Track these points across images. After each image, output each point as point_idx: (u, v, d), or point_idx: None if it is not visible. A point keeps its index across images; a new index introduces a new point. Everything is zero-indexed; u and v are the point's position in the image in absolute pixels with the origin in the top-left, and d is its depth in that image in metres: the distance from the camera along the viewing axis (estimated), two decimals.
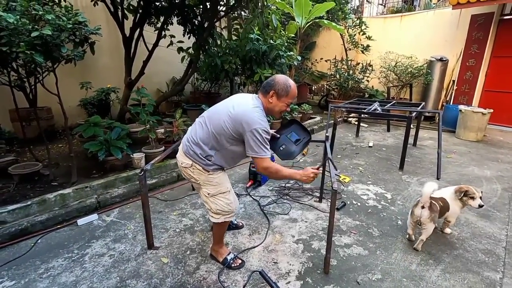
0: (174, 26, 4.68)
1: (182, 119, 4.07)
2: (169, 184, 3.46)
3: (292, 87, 1.80)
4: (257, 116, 1.70)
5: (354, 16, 7.86)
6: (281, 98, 1.80)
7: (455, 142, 5.30)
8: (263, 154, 1.73)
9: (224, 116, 1.74)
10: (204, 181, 1.85)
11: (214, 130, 1.76)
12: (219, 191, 1.87)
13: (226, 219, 1.95)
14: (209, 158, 1.80)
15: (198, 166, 1.81)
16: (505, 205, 3.00)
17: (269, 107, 1.83)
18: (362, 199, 3.12)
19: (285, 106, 1.85)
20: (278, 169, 1.78)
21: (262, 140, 1.70)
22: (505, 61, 6.01)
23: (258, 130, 1.67)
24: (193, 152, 1.80)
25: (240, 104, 1.77)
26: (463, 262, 2.14)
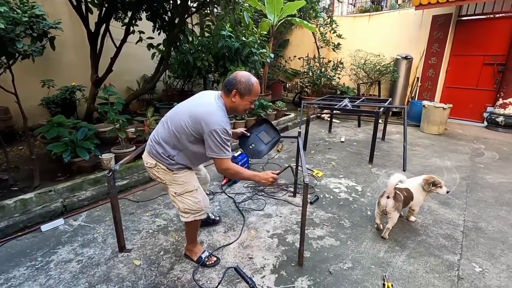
0: (143, 21, 4.53)
1: (154, 118, 3.96)
2: (141, 184, 3.36)
3: (254, 84, 1.78)
4: (217, 117, 1.68)
5: (325, 15, 8.05)
6: (244, 96, 1.78)
7: (419, 136, 5.62)
8: (222, 155, 1.72)
9: (184, 116, 1.73)
10: (170, 181, 1.85)
11: (175, 129, 1.75)
12: (186, 190, 1.85)
13: (196, 218, 1.92)
14: (172, 158, 1.79)
15: (162, 166, 1.81)
16: (463, 192, 3.23)
17: (233, 106, 1.81)
18: (334, 192, 3.22)
19: (249, 104, 1.84)
20: (238, 171, 1.80)
21: (221, 141, 1.68)
22: (463, 59, 6.45)
23: (218, 131, 1.65)
24: (156, 151, 1.80)
25: (201, 104, 1.77)
26: (426, 247, 2.29)
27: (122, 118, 3.40)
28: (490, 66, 6.07)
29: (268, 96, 6.84)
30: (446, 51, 6.55)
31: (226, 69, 4.67)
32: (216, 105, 1.74)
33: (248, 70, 4.86)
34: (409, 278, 1.96)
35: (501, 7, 5.76)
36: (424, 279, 1.95)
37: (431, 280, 1.94)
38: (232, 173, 1.78)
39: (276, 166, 3.92)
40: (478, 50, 6.17)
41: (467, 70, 6.42)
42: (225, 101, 1.80)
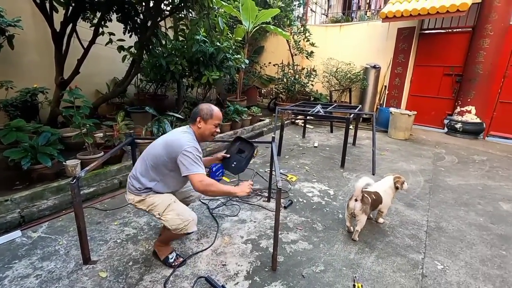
0: (113, 23, 4.38)
1: (124, 122, 3.82)
2: (109, 192, 3.21)
3: (215, 110, 2.00)
4: (187, 139, 1.86)
5: (298, 23, 8.27)
6: (207, 121, 1.97)
7: (387, 141, 5.91)
8: (195, 171, 1.79)
9: (159, 148, 1.90)
10: (148, 207, 1.93)
11: (151, 161, 1.90)
12: (165, 206, 1.91)
13: (186, 231, 1.94)
14: (150, 190, 1.91)
15: (137, 198, 1.93)
16: (426, 194, 3.43)
17: (200, 132, 1.98)
18: (307, 196, 3.28)
19: (214, 127, 2.01)
20: (214, 184, 1.83)
21: (193, 157, 1.80)
22: (425, 69, 6.90)
23: (188, 149, 1.79)
24: (133, 186, 1.93)
25: (172, 135, 1.96)
26: (393, 247, 2.39)
27: (89, 122, 3.24)
28: (449, 76, 6.54)
29: (244, 101, 6.86)
30: (410, 62, 6.98)
31: (201, 74, 4.62)
32: (185, 133, 1.94)
33: (223, 75, 4.86)
34: (378, 278, 2.03)
35: (457, 23, 6.26)
36: (392, 278, 2.03)
37: (398, 279, 2.03)
38: (208, 183, 1.80)
39: (250, 171, 3.92)
40: (439, 61, 6.63)
41: (429, 80, 6.88)
42: (193, 129, 1.99)
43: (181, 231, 1.91)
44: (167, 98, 6.33)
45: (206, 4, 4.06)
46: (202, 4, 4.05)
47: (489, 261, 2.26)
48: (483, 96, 5.97)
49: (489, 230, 2.70)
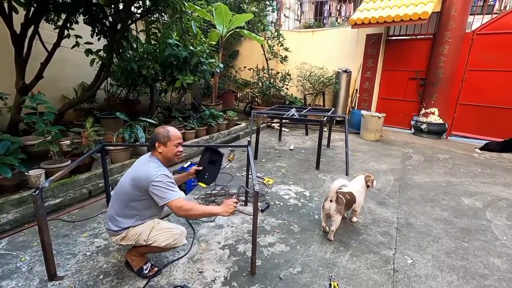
0: (80, 25, 4.19)
1: (94, 129, 3.65)
2: (78, 202, 3.05)
3: (171, 131, 1.95)
4: (152, 168, 1.81)
5: (272, 28, 8.41)
6: (166, 144, 1.92)
7: (360, 142, 6.13)
8: (172, 197, 1.75)
9: (126, 185, 1.84)
10: (134, 239, 1.88)
11: (124, 199, 1.85)
12: (149, 230, 1.88)
13: (177, 245, 1.96)
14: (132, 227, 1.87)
15: (119, 238, 1.88)
16: (396, 192, 3.59)
17: (164, 156, 1.94)
18: (284, 199, 3.31)
19: (175, 148, 1.96)
20: (194, 208, 1.79)
21: (164, 185, 1.76)
22: (392, 73, 7.27)
23: (157, 178, 1.75)
24: (111, 230, 1.88)
25: (137, 169, 1.90)
26: (367, 245, 2.47)
27: (54, 129, 3.06)
28: (414, 80, 6.93)
29: (219, 105, 6.83)
30: (379, 66, 7.32)
31: (174, 78, 4.54)
32: (149, 162, 1.89)
33: (197, 79, 4.81)
34: (353, 276, 2.09)
35: (420, 30, 6.67)
36: (365, 275, 2.10)
37: (371, 275, 2.10)
38: (187, 208, 1.76)
39: (227, 176, 3.90)
40: (404, 66, 7.01)
41: (397, 83, 7.24)
42: (156, 155, 1.95)
43: (172, 246, 1.92)
44: (140, 103, 6.16)
45: (179, 8, 4.01)
46: (175, 8, 4.00)
47: (453, 253, 2.41)
48: (444, 98, 6.38)
49: (452, 224, 2.88)
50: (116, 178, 3.49)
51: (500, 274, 2.18)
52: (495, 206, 3.29)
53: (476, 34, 6.01)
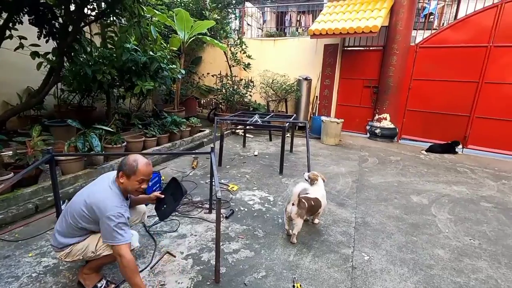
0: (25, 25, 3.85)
1: (41, 138, 3.36)
2: (22, 219, 2.76)
3: (140, 165, 1.79)
4: (110, 202, 1.70)
5: (235, 36, 8.49)
6: (130, 177, 1.79)
7: (320, 147, 6.40)
8: (117, 241, 1.66)
9: (80, 205, 1.74)
10: (81, 253, 1.80)
11: (73, 220, 1.75)
12: (96, 240, 1.80)
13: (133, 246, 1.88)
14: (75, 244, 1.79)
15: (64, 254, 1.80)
16: (354, 193, 3.80)
17: (123, 187, 1.82)
18: (249, 205, 3.33)
19: (138, 184, 1.82)
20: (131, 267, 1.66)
21: (115, 226, 1.66)
22: (348, 82, 7.74)
23: (110, 216, 1.65)
24: (57, 247, 1.80)
25: (95, 192, 1.78)
26: (327, 245, 2.58)
27: None
28: (368, 88, 7.44)
29: (182, 112, 6.68)
30: (337, 75, 7.75)
31: (133, 84, 4.37)
32: (110, 191, 1.77)
33: (158, 85, 4.68)
34: (315, 276, 2.16)
35: (372, 42, 7.22)
36: (327, 274, 2.18)
37: (332, 274, 2.19)
38: (124, 264, 1.65)
39: (191, 184, 3.82)
40: (359, 74, 7.51)
41: (353, 91, 7.72)
42: (118, 183, 1.82)
43: None
44: (95, 110, 5.80)
45: (137, 12, 3.89)
46: (132, 12, 3.87)
47: (404, 247, 2.61)
48: (395, 105, 6.94)
49: (403, 221, 3.12)
50: (67, 190, 3.23)
51: (443, 263, 2.40)
52: (439, 202, 3.64)
53: (419, 47, 6.65)
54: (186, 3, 7.85)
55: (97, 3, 4.25)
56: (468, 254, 2.56)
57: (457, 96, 6.40)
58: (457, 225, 3.06)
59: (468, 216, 3.30)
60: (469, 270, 2.33)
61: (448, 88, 6.47)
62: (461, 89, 6.34)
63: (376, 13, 6.35)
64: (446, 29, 6.37)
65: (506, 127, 6.02)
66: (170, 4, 7.41)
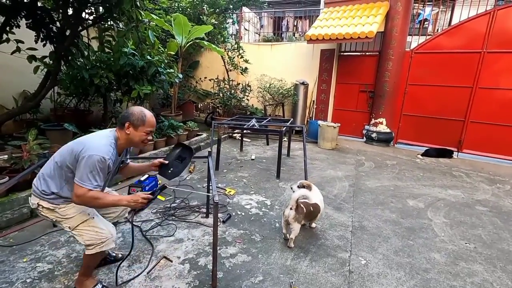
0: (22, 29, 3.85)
1: (37, 141, 3.34)
2: (17, 223, 2.73)
3: (148, 116, 1.83)
4: (100, 143, 1.69)
5: (232, 40, 8.55)
6: (138, 127, 1.80)
7: (317, 151, 6.42)
8: (84, 184, 1.60)
9: (71, 145, 1.74)
10: (58, 217, 1.76)
11: (58, 159, 1.73)
12: (80, 221, 1.76)
13: (103, 248, 1.76)
14: (57, 194, 1.73)
15: (45, 204, 1.73)
16: (351, 197, 3.82)
17: (128, 138, 1.82)
18: (246, 209, 3.33)
19: (145, 135, 1.85)
20: (96, 197, 1.63)
21: (92, 167, 1.62)
22: (345, 86, 7.80)
23: (93, 156, 1.61)
24: (37, 189, 1.74)
25: (90, 134, 1.81)
26: (324, 249, 2.58)
27: None
28: (364, 93, 7.51)
29: (179, 116, 6.68)
30: (333, 79, 7.82)
31: (131, 88, 4.37)
32: (104, 135, 1.77)
33: (155, 89, 4.68)
34: (312, 280, 2.16)
35: (367, 47, 7.30)
36: (324, 278, 2.18)
37: (329, 278, 2.19)
38: (87, 200, 1.62)
39: (188, 187, 3.81)
40: (355, 79, 7.58)
41: (349, 95, 7.78)
42: (119, 135, 1.82)
43: (96, 248, 1.75)
44: (92, 114, 5.77)
45: (135, 16, 3.90)
46: (130, 16, 3.88)
47: (401, 251, 2.62)
48: (390, 109, 7.01)
49: (400, 224, 3.13)
50: None
51: (439, 267, 2.41)
52: (434, 206, 3.66)
53: (414, 53, 6.74)
54: (184, 8, 7.90)
55: (95, 7, 4.27)
56: (464, 258, 2.57)
57: (452, 101, 6.48)
58: (453, 229, 3.09)
59: (463, 220, 3.32)
60: (465, 274, 2.34)
61: (443, 93, 6.55)
62: (456, 94, 6.42)
63: (372, 19, 6.43)
64: (441, 35, 6.47)
65: (500, 131, 6.10)
66: (168, 9, 7.44)
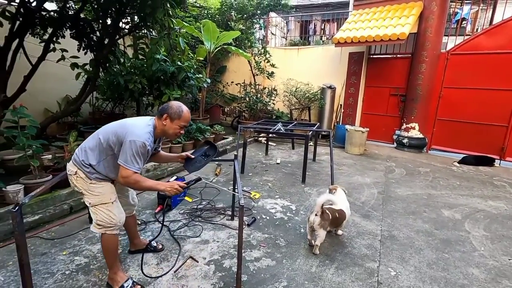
0: (67, 39, 4.19)
1: (77, 143, 3.57)
2: (58, 218, 2.95)
3: (184, 111, 1.96)
4: (141, 130, 1.82)
5: (259, 45, 8.64)
6: (174, 120, 1.94)
7: (344, 156, 6.26)
8: (129, 166, 1.76)
9: (114, 126, 1.89)
10: (86, 190, 1.88)
11: (102, 137, 1.85)
12: (101, 201, 1.88)
13: (108, 232, 1.91)
14: (93, 167, 1.85)
15: (81, 174, 1.86)
16: (380, 205, 3.67)
17: (164, 129, 1.95)
18: (270, 213, 3.32)
19: (179, 129, 1.97)
20: (138, 180, 1.81)
21: (135, 151, 1.77)
22: (374, 90, 7.56)
23: (136, 141, 1.76)
24: (78, 159, 1.86)
25: (133, 119, 1.96)
26: (351, 258, 2.50)
27: (35, 143, 3.00)
28: (395, 96, 7.22)
29: (206, 119, 6.86)
30: (362, 83, 7.61)
31: (161, 92, 4.57)
32: (145, 123, 1.90)
33: (185, 94, 4.85)
34: None
35: (399, 49, 7.03)
36: None
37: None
38: (131, 182, 1.80)
39: (213, 190, 3.88)
40: (385, 83, 7.32)
41: (379, 99, 7.53)
42: (157, 123, 1.96)
43: (102, 229, 1.89)
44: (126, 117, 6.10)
45: (167, 24, 4.09)
46: (163, 24, 4.07)
47: (435, 264, 2.47)
48: (424, 114, 6.67)
49: (433, 236, 2.96)
50: None
51: (478, 284, 2.24)
52: (473, 218, 3.42)
53: (451, 54, 6.38)
54: (213, 14, 8.13)
55: (131, 17, 4.53)
56: (508, 275, 2.37)
57: (493, 105, 6.03)
58: (494, 243, 2.86)
59: (506, 233, 3.06)
60: None
61: (483, 97, 6.12)
62: (498, 97, 5.96)
63: (404, 20, 6.19)
64: (481, 35, 6.06)
65: None
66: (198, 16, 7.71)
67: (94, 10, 4.22)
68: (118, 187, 2.07)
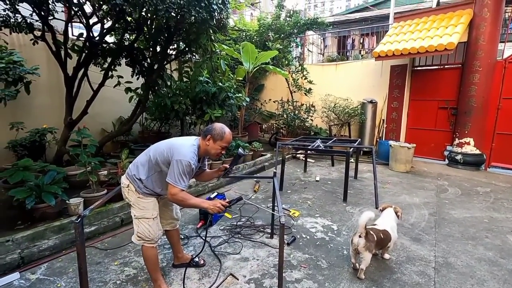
0: (122, 66, 4.68)
1: (129, 160, 3.89)
2: (111, 230, 3.18)
3: (227, 133, 2.08)
4: (187, 151, 1.96)
5: (296, 63, 8.74)
6: (216, 141, 2.06)
7: (389, 174, 5.91)
8: (177, 184, 1.91)
9: (164, 145, 2.05)
10: (134, 203, 2.06)
11: (152, 154, 2.04)
12: (143, 216, 2.04)
13: (145, 245, 2.07)
14: (141, 181, 2.02)
15: (132, 187, 2.05)
16: (432, 228, 3.37)
17: (206, 149, 2.09)
18: (311, 232, 3.23)
19: (220, 149, 2.09)
20: (185, 198, 1.95)
21: (182, 170, 1.90)
22: (420, 103, 7.12)
23: (182, 161, 1.90)
24: (131, 172, 2.06)
25: (179, 140, 2.11)
26: (401, 285, 2.30)
27: (94, 160, 3.33)
28: (444, 110, 6.72)
29: (245, 137, 7.01)
30: (406, 96, 7.23)
31: (203, 112, 4.81)
32: (190, 144, 2.04)
33: (225, 113, 5.04)
34: None
35: (447, 60, 6.60)
36: None
37: None
38: (179, 199, 1.94)
39: (252, 207, 3.90)
40: (433, 95, 6.87)
41: (426, 113, 7.06)
42: (201, 143, 2.10)
43: (140, 241, 2.07)
44: (170, 135, 6.50)
45: (209, 48, 4.37)
46: (205, 49, 4.36)
47: None
48: (479, 128, 6.08)
49: (499, 265, 2.62)
50: None
51: None
52: None
53: (509, 62, 5.82)
54: (251, 36, 8.47)
55: (177, 43, 4.93)
56: None
57: None
58: None
59: None
60: None
61: None
62: None
63: (452, 30, 5.84)
64: None
65: None
66: (237, 38, 8.09)
67: (146, 40, 4.68)
68: (163, 201, 2.23)
